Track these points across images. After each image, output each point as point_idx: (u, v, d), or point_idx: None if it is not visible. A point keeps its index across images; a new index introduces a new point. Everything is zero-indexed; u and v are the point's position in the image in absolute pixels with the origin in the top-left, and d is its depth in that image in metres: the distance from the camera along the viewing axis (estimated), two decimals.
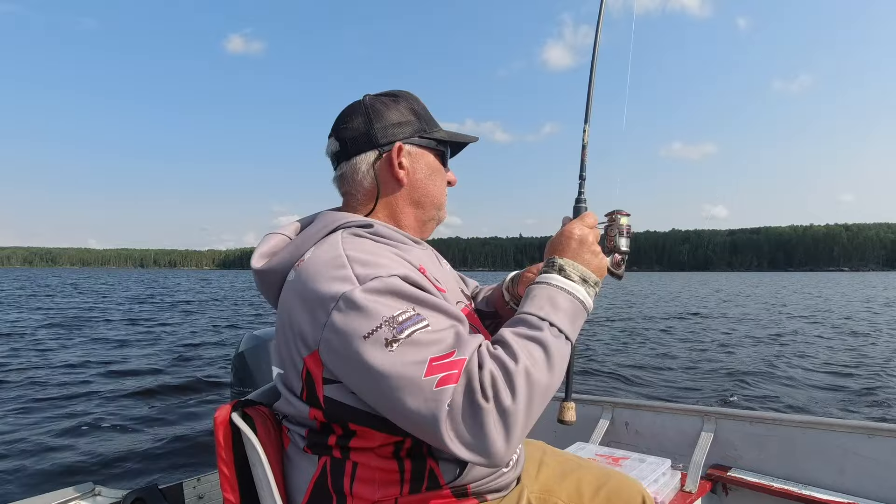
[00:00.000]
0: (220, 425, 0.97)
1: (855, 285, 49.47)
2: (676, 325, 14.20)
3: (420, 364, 0.75)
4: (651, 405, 2.18)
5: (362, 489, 0.87)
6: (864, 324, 14.10)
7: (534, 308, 0.85)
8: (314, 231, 0.95)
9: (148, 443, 4.53)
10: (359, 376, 0.78)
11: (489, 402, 0.73)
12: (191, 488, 1.64)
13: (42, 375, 7.28)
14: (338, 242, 0.89)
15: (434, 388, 0.74)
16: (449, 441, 0.73)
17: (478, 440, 0.73)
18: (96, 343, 10.53)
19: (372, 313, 0.77)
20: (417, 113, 1.04)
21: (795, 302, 23.94)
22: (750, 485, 1.80)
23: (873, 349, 9.64)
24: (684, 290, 39.22)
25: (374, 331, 0.76)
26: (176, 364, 8.26)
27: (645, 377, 7.21)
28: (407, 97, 1.05)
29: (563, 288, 0.88)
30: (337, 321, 0.78)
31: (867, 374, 7.22)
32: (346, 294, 0.78)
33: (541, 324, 0.82)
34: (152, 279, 75.99)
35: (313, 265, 0.86)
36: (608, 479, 1.11)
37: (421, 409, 0.73)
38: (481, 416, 0.72)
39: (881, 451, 1.64)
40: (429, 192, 1.04)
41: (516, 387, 0.74)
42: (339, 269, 0.82)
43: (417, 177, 1.03)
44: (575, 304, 0.87)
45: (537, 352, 0.79)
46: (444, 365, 0.75)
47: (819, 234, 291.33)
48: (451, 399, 0.73)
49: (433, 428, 0.73)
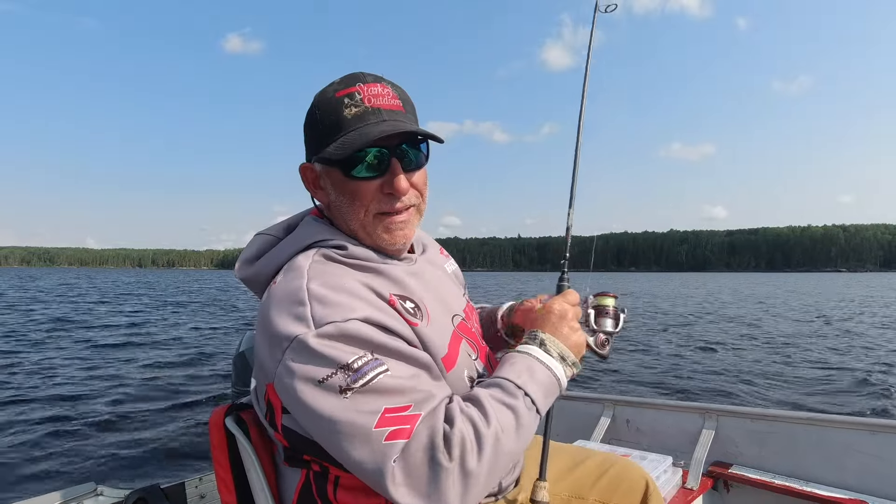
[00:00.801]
0: (214, 429, 0.97)
1: (851, 285, 49.58)
2: (676, 323, 14.23)
3: (373, 414, 0.72)
4: (652, 403, 2.18)
5: (347, 498, 0.86)
6: (863, 325, 14.13)
7: (512, 375, 0.83)
8: (291, 243, 0.92)
9: (150, 443, 4.53)
10: (308, 419, 0.76)
11: (452, 462, 0.71)
12: (193, 488, 1.64)
13: (43, 376, 7.27)
14: (303, 269, 0.84)
15: (383, 440, 0.71)
16: (396, 494, 0.70)
17: (431, 499, 0.70)
18: (96, 343, 10.51)
19: (326, 359, 0.74)
20: (315, 128, 0.90)
21: (794, 302, 23.98)
22: (751, 482, 1.80)
23: (873, 348, 9.65)
24: (682, 289, 39.26)
25: (328, 378, 0.73)
26: (177, 364, 8.26)
27: (646, 375, 7.22)
28: (310, 110, 0.91)
29: (543, 362, 0.86)
30: (290, 362, 0.75)
31: (868, 371, 7.24)
32: (299, 337, 0.75)
33: (516, 392, 0.81)
34: (152, 279, 75.83)
35: (276, 295, 0.82)
36: (611, 464, 1.12)
37: (367, 460, 0.72)
38: (440, 475, 0.70)
39: (883, 447, 1.64)
40: (347, 211, 0.90)
41: (484, 450, 0.73)
42: (296, 305, 0.78)
43: (330, 198, 0.92)
44: (551, 380, 0.86)
45: (509, 418, 0.78)
46: (397, 418, 0.73)
47: (817, 234, 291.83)
48: (402, 454, 0.71)
49: (378, 479, 0.71)
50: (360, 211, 0.89)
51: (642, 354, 9.03)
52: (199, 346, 10.21)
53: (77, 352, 9.42)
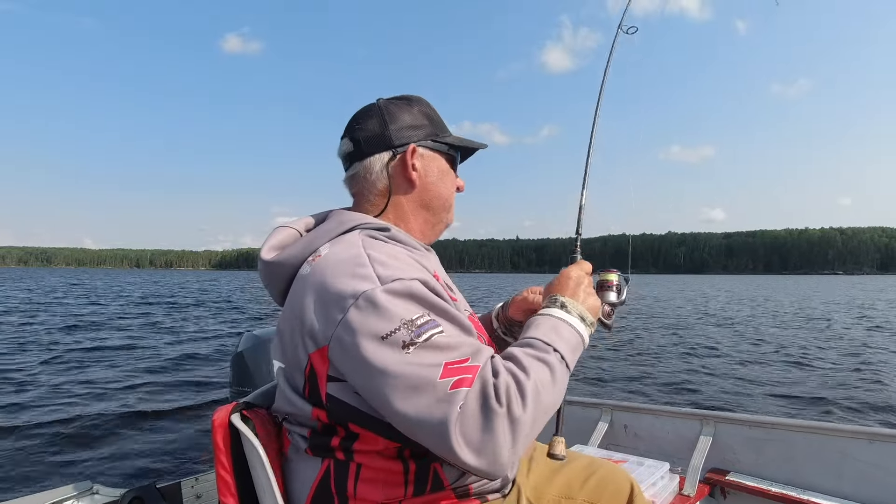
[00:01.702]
0: (218, 428, 0.95)
1: (848, 288, 49.68)
2: (675, 327, 14.24)
3: (436, 367, 0.75)
4: (650, 408, 2.18)
5: (366, 492, 0.86)
6: (859, 329, 14.15)
7: (539, 334, 0.87)
8: (329, 228, 0.95)
9: (146, 442, 4.53)
10: (369, 376, 0.77)
11: (503, 408, 0.73)
12: (189, 488, 1.64)
13: (41, 375, 7.25)
14: (357, 241, 0.90)
15: (448, 389, 0.74)
16: (456, 444, 0.72)
17: (487, 445, 0.72)
18: (95, 343, 10.48)
19: (391, 314, 0.77)
20: (430, 117, 1.06)
21: (790, 304, 24.02)
22: (748, 489, 1.80)
23: (872, 353, 9.66)
24: (682, 293, 39.31)
25: (393, 332, 0.76)
26: (174, 364, 8.24)
27: (644, 380, 7.21)
28: (420, 101, 1.07)
29: (566, 321, 0.92)
30: (353, 319, 0.77)
31: (867, 380, 7.23)
32: (367, 293, 0.78)
33: (547, 347, 0.85)
34: (149, 280, 75.71)
35: (332, 261, 0.86)
36: (596, 468, 1.14)
37: (433, 410, 0.73)
38: (493, 421, 0.73)
39: (881, 456, 1.64)
40: (439, 195, 1.06)
41: (527, 399, 0.75)
42: (359, 267, 0.83)
43: (429, 179, 1.04)
44: (576, 338, 0.91)
45: (544, 371, 0.81)
46: (458, 370, 0.76)
47: (814, 237, 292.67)
48: (464, 402, 0.73)
49: (442, 429, 0.72)
50: (448, 193, 1.07)
51: (640, 359, 9.02)
52: (196, 346, 10.17)
53: (76, 351, 9.38)
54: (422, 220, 1.05)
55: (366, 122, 1.02)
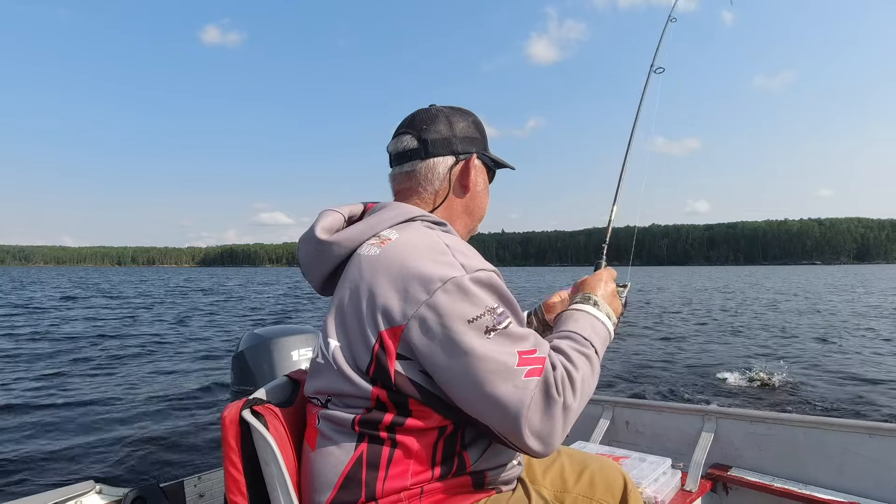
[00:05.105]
0: (229, 425, 0.93)
1: (825, 277, 50.66)
2: (673, 322, 14.33)
3: (512, 354, 0.82)
4: (651, 404, 2.19)
5: (395, 474, 0.87)
6: (858, 325, 14.16)
7: (579, 329, 0.97)
8: (391, 216, 0.99)
9: (149, 441, 4.52)
10: (451, 356, 0.82)
11: (560, 398, 0.82)
12: (192, 487, 1.64)
13: (42, 375, 7.20)
14: (429, 231, 0.95)
15: (524, 377, 0.81)
16: (525, 429, 0.80)
17: (547, 431, 0.81)
18: (94, 343, 10.40)
19: (478, 300, 0.84)
20: (482, 131, 1.14)
21: (779, 297, 24.41)
22: (750, 484, 1.82)
23: (869, 347, 9.75)
24: (672, 285, 39.78)
25: (478, 317, 0.82)
26: (175, 363, 8.22)
27: (645, 376, 7.27)
28: (473, 115, 1.14)
29: (599, 318, 1.02)
30: (441, 301, 0.82)
31: (868, 374, 7.28)
32: (456, 279, 0.84)
33: (586, 342, 0.94)
34: (137, 278, 74.63)
35: (409, 245, 0.90)
36: (589, 463, 1.16)
37: (511, 395, 0.80)
38: (554, 409, 0.81)
39: (882, 450, 1.66)
40: (481, 205, 1.14)
41: (577, 390, 0.85)
42: (441, 254, 0.88)
43: (478, 189, 1.12)
44: (606, 333, 1.02)
45: (587, 365, 0.90)
46: (531, 359, 0.83)
47: (793, 228, 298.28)
48: (535, 390, 0.81)
49: (516, 413, 0.80)
50: (486, 205, 1.15)
51: (642, 354, 9.06)
52: (196, 346, 10.11)
53: (75, 352, 9.27)
54: (463, 223, 1.12)
55: (434, 125, 1.07)
